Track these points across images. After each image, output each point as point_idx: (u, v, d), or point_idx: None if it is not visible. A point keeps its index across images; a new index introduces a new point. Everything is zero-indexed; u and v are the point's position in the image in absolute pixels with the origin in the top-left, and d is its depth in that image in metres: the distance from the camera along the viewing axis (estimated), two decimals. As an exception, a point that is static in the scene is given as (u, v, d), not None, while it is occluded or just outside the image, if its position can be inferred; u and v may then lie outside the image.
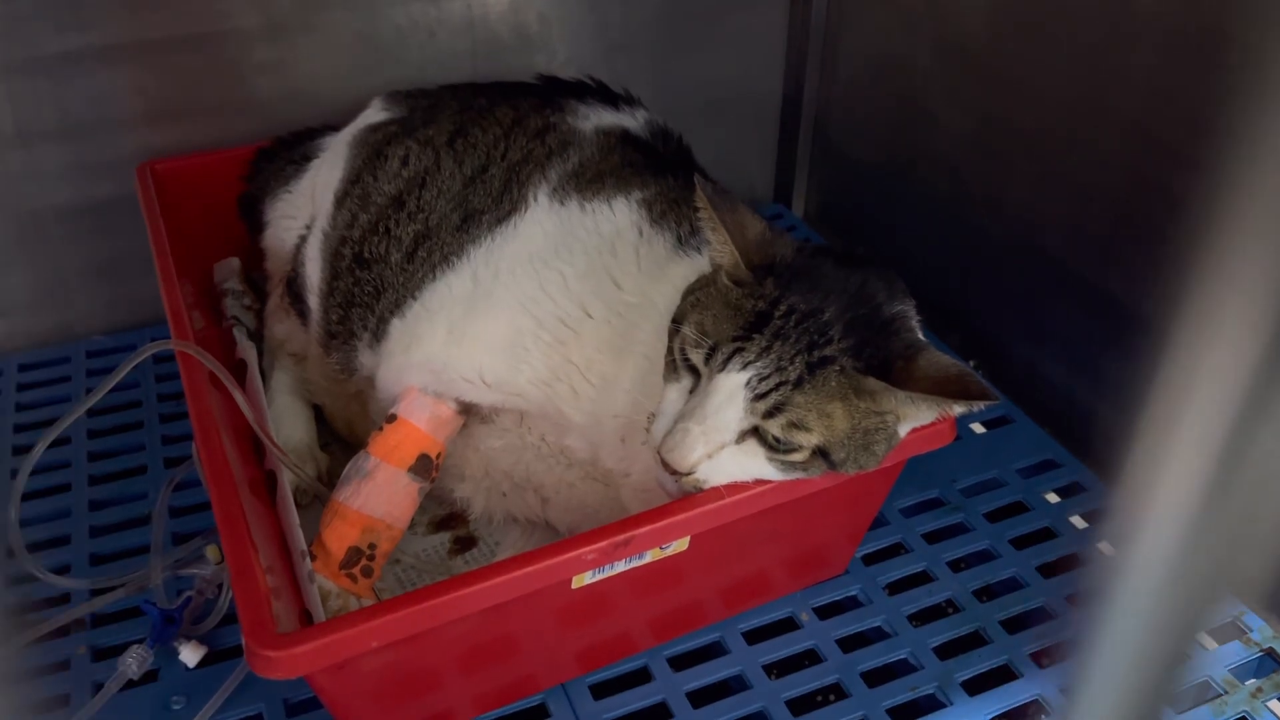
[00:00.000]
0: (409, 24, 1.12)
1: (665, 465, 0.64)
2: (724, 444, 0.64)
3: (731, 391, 0.63)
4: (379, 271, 0.84)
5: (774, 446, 0.64)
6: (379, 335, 0.83)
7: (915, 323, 0.70)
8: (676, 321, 0.67)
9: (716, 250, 0.69)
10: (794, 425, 0.63)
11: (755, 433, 0.64)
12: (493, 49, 1.16)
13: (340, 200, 0.89)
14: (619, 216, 0.80)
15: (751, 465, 0.65)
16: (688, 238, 0.78)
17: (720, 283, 0.67)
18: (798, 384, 0.62)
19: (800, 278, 0.66)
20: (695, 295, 0.68)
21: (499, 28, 1.16)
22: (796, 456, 0.64)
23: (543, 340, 0.77)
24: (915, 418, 0.66)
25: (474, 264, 0.81)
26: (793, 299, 0.64)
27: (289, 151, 1.02)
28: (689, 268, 0.76)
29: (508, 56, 1.16)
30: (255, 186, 1.04)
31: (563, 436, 0.80)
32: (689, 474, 0.64)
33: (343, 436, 0.96)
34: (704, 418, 0.63)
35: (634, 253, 0.78)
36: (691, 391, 0.65)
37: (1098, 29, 0.92)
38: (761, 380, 0.63)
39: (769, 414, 0.63)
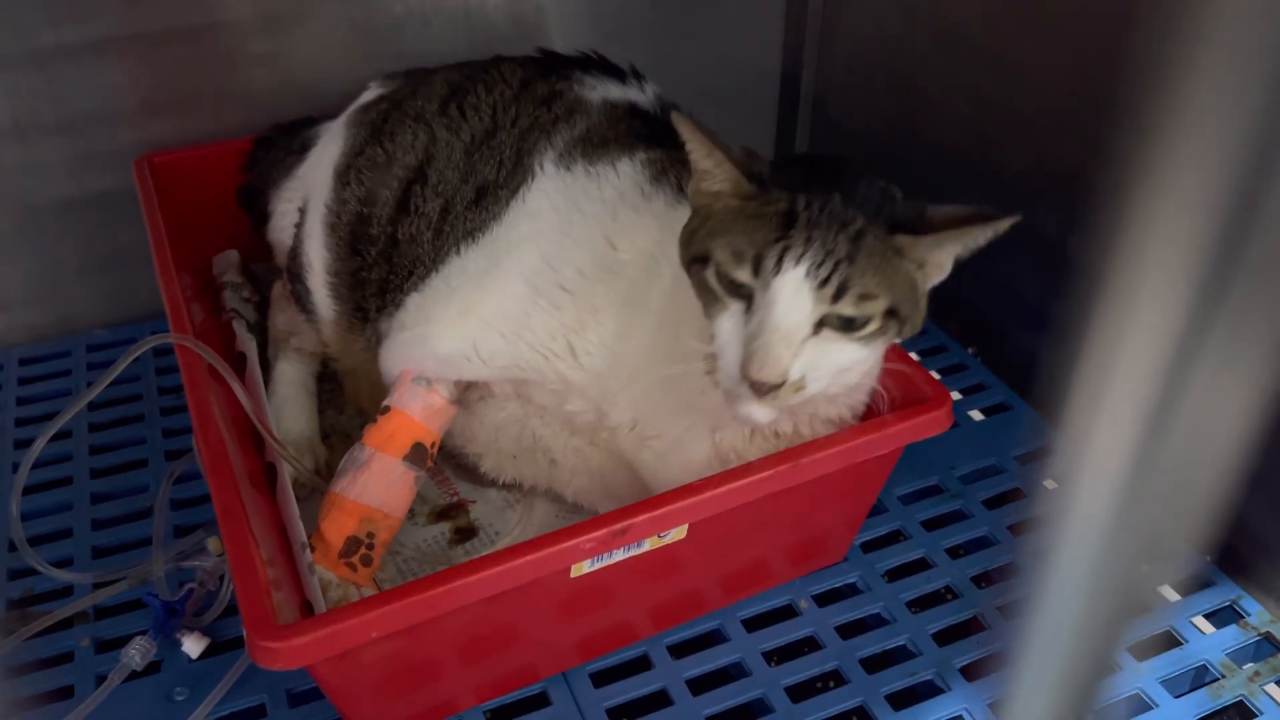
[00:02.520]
0: (405, 13, 1.12)
1: (756, 387, 0.63)
2: (802, 341, 0.64)
3: (795, 288, 0.63)
4: (408, 251, 0.84)
5: (848, 326, 0.64)
6: (395, 307, 0.84)
7: (900, 196, 0.71)
8: (699, 259, 0.66)
9: (712, 176, 0.68)
10: (863, 298, 0.63)
11: (826, 322, 0.64)
12: (490, 38, 1.16)
13: (343, 176, 0.88)
14: (623, 178, 0.80)
15: (836, 353, 0.65)
16: (687, 183, 0.78)
17: (727, 205, 0.67)
18: (851, 259, 0.63)
19: (796, 179, 0.66)
20: (704, 228, 0.68)
21: (496, 17, 1.15)
22: (872, 327, 0.65)
23: (541, 307, 0.77)
24: (942, 265, 0.68)
25: (492, 240, 0.81)
26: (804, 194, 0.65)
27: (288, 142, 1.02)
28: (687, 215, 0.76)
29: (504, 46, 1.15)
30: (256, 177, 1.04)
31: (563, 403, 0.79)
32: (784, 383, 0.63)
33: (365, 408, 0.95)
34: (776, 325, 0.63)
35: (634, 211, 0.78)
36: (747, 312, 0.65)
37: (1093, 12, 0.92)
38: (819, 267, 0.63)
39: (837, 296, 0.63)
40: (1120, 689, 0.76)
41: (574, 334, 0.76)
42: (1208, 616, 0.83)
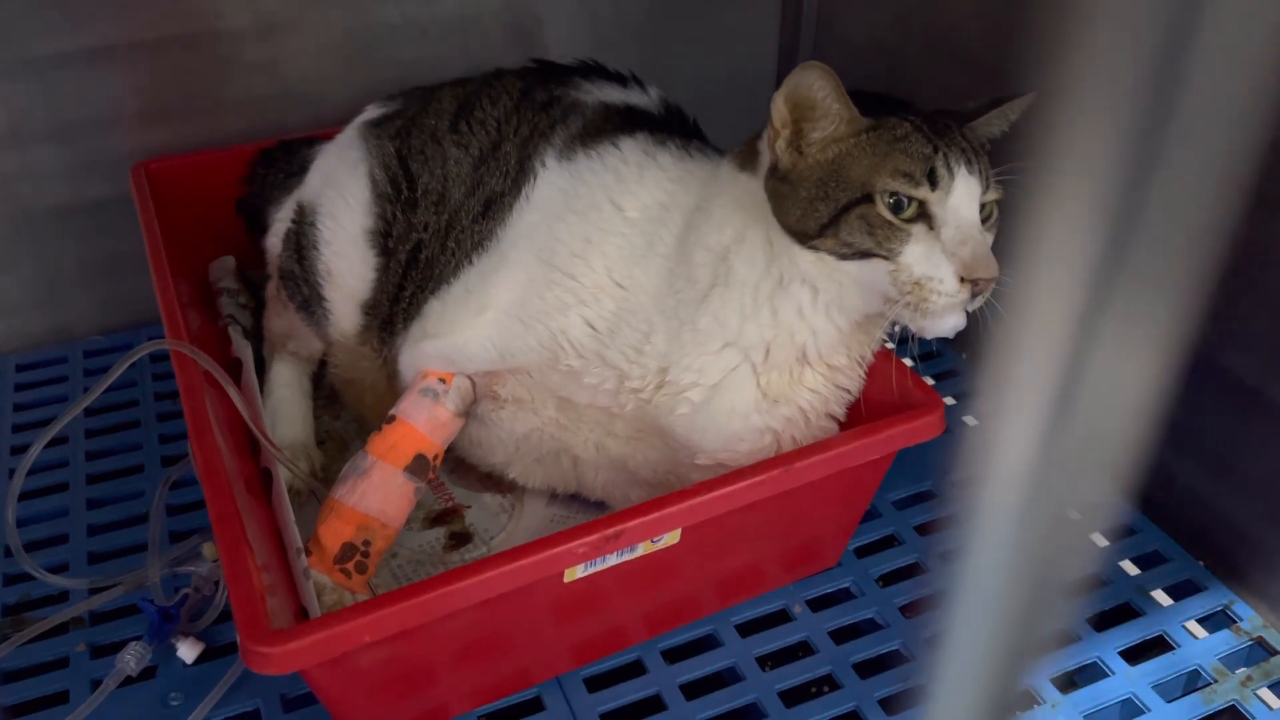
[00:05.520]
0: (401, 21, 1.12)
1: (981, 287, 0.67)
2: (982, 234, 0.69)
3: (966, 188, 0.68)
4: (436, 264, 0.86)
5: (985, 219, 0.69)
6: (416, 315, 0.85)
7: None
8: (855, 203, 0.68)
9: (836, 119, 0.70)
10: (992, 185, 0.70)
11: (982, 213, 0.70)
12: (485, 46, 1.16)
13: (396, 199, 0.88)
14: (624, 149, 0.81)
15: (989, 244, 0.70)
16: (694, 148, 0.82)
17: (845, 147, 0.70)
18: (977, 153, 0.69)
19: (874, 109, 0.71)
20: (834, 179, 0.69)
21: (491, 24, 1.16)
22: (994, 217, 0.70)
23: (555, 280, 0.77)
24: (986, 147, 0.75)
25: (497, 241, 0.82)
26: (902, 114, 0.71)
27: (288, 162, 1.02)
28: (696, 166, 0.80)
29: (500, 53, 1.16)
30: (254, 193, 1.04)
31: (581, 379, 0.79)
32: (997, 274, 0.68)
33: (366, 417, 0.95)
34: (973, 223, 0.68)
35: (639, 169, 0.79)
36: (931, 229, 0.68)
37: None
38: (970, 165, 0.68)
39: (985, 187, 0.69)
40: (1113, 693, 0.77)
41: (587, 303, 0.77)
42: (1200, 621, 0.84)
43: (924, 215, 0.68)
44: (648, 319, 0.76)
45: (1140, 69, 0.18)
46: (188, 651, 0.77)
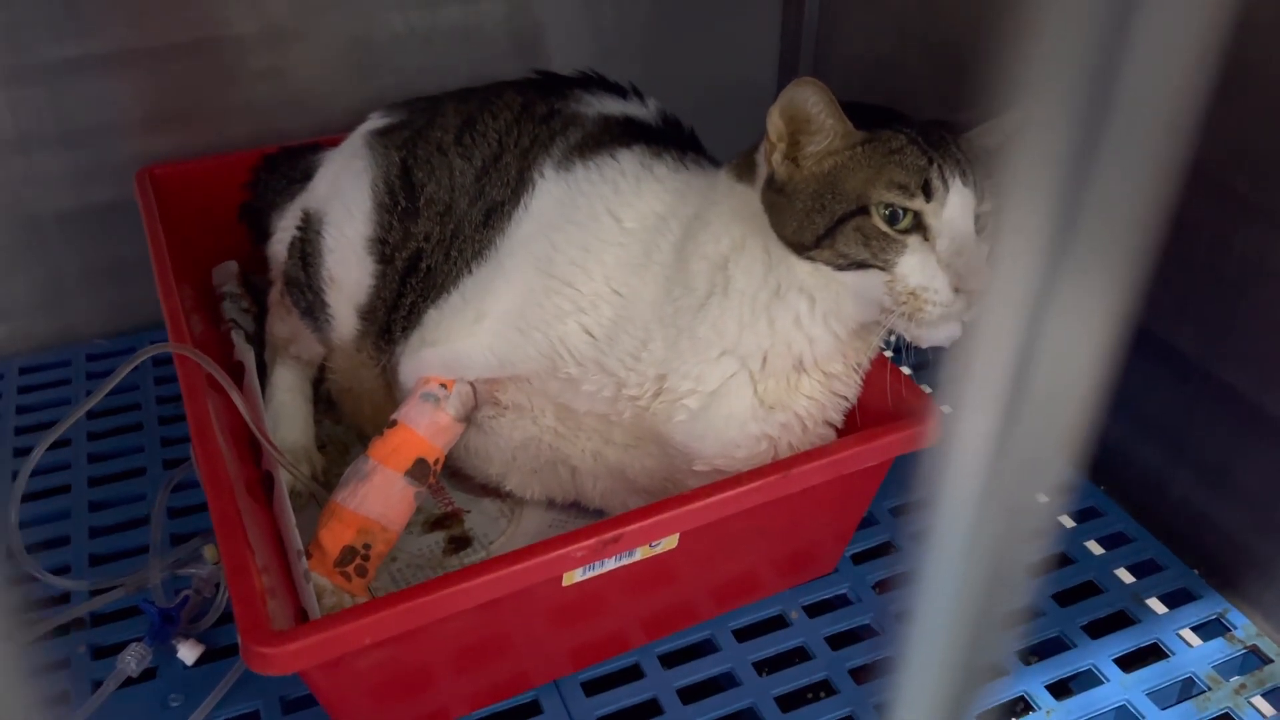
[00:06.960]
0: (406, 30, 1.13)
1: (974, 294, 0.68)
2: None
3: (962, 199, 0.68)
4: (436, 275, 0.86)
5: (981, 230, 0.70)
6: (416, 325, 0.86)
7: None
8: (851, 215, 0.69)
9: (831, 133, 0.71)
10: (986, 195, 0.69)
11: (976, 224, 0.70)
12: (489, 54, 1.17)
13: (398, 210, 0.89)
14: (622, 161, 0.82)
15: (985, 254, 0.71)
16: (689, 159, 0.83)
17: (840, 160, 0.70)
18: (971, 164, 0.69)
19: (868, 121, 0.72)
20: (830, 191, 0.70)
21: (495, 33, 1.17)
22: (987, 227, 0.70)
23: (553, 288, 0.78)
24: None
25: (496, 250, 0.83)
26: (897, 126, 0.71)
27: (290, 168, 1.03)
28: (691, 177, 0.81)
29: (503, 62, 1.17)
30: (257, 198, 1.05)
31: (580, 387, 0.79)
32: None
33: (364, 427, 0.96)
34: (969, 234, 0.68)
35: (636, 180, 0.80)
36: (926, 240, 0.68)
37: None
38: (964, 176, 0.68)
39: (981, 200, 0.69)
40: (1107, 700, 0.77)
41: (585, 310, 0.78)
42: (1195, 629, 0.84)
43: (919, 227, 0.68)
44: (645, 327, 0.77)
45: (1081, 66, 0.19)
46: (188, 653, 0.77)
